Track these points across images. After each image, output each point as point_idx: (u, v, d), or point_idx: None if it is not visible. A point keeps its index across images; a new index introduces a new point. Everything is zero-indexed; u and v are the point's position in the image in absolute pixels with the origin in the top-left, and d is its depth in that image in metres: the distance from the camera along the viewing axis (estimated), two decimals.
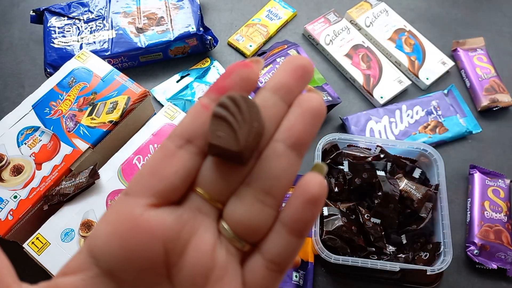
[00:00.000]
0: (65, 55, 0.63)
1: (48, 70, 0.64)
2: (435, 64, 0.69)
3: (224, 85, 0.18)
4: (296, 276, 0.52)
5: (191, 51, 0.68)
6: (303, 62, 0.18)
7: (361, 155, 0.56)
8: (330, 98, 0.62)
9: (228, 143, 0.16)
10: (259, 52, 0.70)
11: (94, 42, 0.64)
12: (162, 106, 0.64)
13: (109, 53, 0.63)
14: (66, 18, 0.66)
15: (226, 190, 0.17)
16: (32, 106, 0.53)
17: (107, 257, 0.16)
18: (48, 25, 0.66)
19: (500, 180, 0.60)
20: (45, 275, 0.47)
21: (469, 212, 0.59)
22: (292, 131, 0.17)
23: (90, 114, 0.53)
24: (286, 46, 0.69)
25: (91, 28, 0.65)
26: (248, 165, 0.17)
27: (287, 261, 0.17)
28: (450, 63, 0.69)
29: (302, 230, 0.17)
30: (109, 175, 0.50)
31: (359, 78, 0.67)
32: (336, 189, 0.55)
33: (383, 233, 0.53)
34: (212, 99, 0.18)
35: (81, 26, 0.66)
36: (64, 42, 0.64)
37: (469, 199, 0.60)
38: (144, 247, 0.16)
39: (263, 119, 0.17)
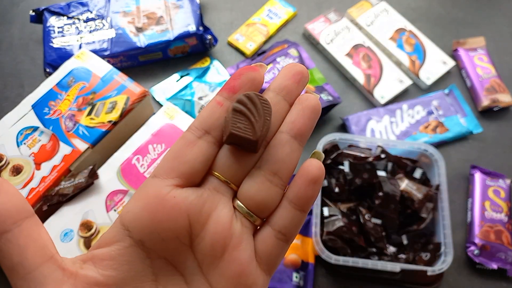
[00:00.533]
0: (65, 55, 0.63)
1: (48, 70, 0.63)
2: (436, 64, 0.69)
3: (235, 85, 0.21)
4: (296, 277, 0.52)
5: (190, 50, 0.68)
6: (301, 69, 0.22)
7: (362, 155, 0.56)
8: (330, 98, 0.62)
9: (247, 133, 0.19)
10: (259, 52, 0.70)
11: (94, 42, 0.64)
12: (162, 106, 0.64)
13: (108, 52, 0.63)
14: (65, 17, 0.66)
15: (239, 174, 0.20)
16: (31, 106, 0.53)
17: (139, 228, 0.18)
18: (48, 25, 0.65)
19: (500, 180, 0.60)
20: None
21: (469, 212, 0.59)
22: (294, 124, 0.21)
23: (89, 114, 0.53)
24: (286, 46, 0.68)
25: (90, 27, 0.65)
26: (258, 152, 0.21)
27: (292, 232, 0.20)
28: (451, 63, 0.69)
29: (305, 206, 0.20)
30: (108, 176, 0.50)
31: (360, 78, 0.67)
32: (336, 190, 0.54)
33: (383, 233, 0.52)
34: (225, 97, 0.21)
35: (81, 26, 0.65)
36: (64, 42, 0.64)
37: (470, 199, 0.60)
38: (171, 220, 0.19)
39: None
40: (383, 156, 0.56)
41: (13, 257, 0.16)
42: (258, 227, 0.21)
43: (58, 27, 0.65)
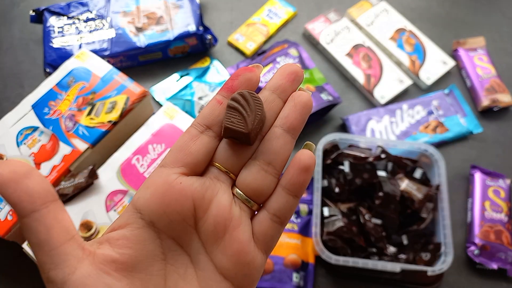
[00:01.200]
0: (65, 55, 0.63)
1: (48, 70, 0.63)
2: (436, 64, 0.69)
3: (233, 85, 0.23)
4: (296, 277, 0.52)
5: (190, 50, 0.68)
6: (295, 69, 0.24)
7: (362, 155, 0.56)
8: (330, 98, 0.62)
9: (239, 126, 0.22)
10: (259, 52, 0.70)
11: (94, 42, 0.64)
12: (162, 106, 0.64)
13: (108, 52, 0.63)
14: (65, 17, 0.66)
15: (237, 164, 0.23)
16: (31, 106, 0.53)
17: (150, 211, 0.20)
18: (48, 25, 0.65)
19: (500, 180, 0.60)
20: None
21: (469, 212, 0.59)
22: (287, 119, 0.23)
23: (89, 114, 0.53)
24: (286, 46, 0.68)
25: (90, 27, 0.65)
26: (254, 145, 0.23)
27: (286, 215, 0.22)
28: (451, 63, 0.69)
29: (297, 191, 0.22)
30: (108, 176, 0.50)
31: (360, 78, 0.67)
32: (336, 190, 0.54)
33: (383, 233, 0.52)
34: (224, 95, 0.23)
35: (81, 26, 0.65)
36: (64, 42, 0.64)
37: (470, 199, 0.60)
38: (178, 203, 0.21)
39: (265, 110, 0.23)
40: (383, 156, 0.56)
41: (40, 235, 0.18)
42: (255, 212, 0.23)
43: (58, 27, 0.65)
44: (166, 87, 0.66)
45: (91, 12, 0.66)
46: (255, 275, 0.22)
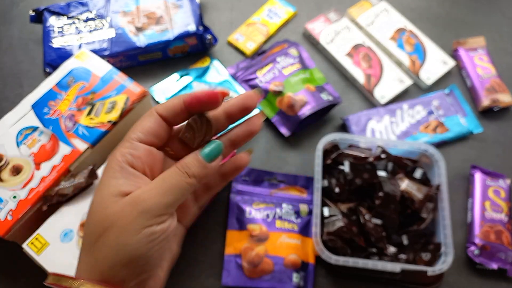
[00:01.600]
0: (64, 55, 0.63)
1: (47, 70, 0.63)
2: (436, 63, 0.69)
3: (195, 106, 0.34)
4: (296, 278, 0.52)
5: (190, 50, 0.68)
6: (250, 103, 0.35)
7: (362, 155, 0.56)
8: (330, 98, 0.62)
9: (190, 141, 0.34)
10: (259, 52, 0.70)
11: (94, 42, 0.64)
12: None
13: (108, 52, 0.63)
14: (65, 17, 0.66)
15: (184, 152, 0.34)
16: (31, 106, 0.53)
17: (145, 168, 0.34)
18: (47, 24, 0.65)
19: (500, 180, 0.60)
20: (44, 275, 0.47)
21: (470, 212, 0.59)
22: (236, 139, 0.36)
23: (89, 114, 0.53)
24: (286, 45, 0.68)
25: (90, 27, 0.65)
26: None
27: (233, 173, 0.40)
28: (451, 63, 0.69)
29: (229, 176, 0.40)
30: None
31: (360, 78, 0.67)
32: (336, 190, 0.54)
33: (383, 233, 0.52)
34: (187, 104, 0.34)
35: (80, 26, 0.65)
36: (64, 42, 0.64)
37: (470, 199, 0.60)
38: (159, 164, 0.36)
39: (214, 131, 0.35)
40: (383, 156, 0.56)
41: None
42: None
43: (58, 27, 0.65)
44: (166, 87, 0.66)
45: (91, 12, 0.66)
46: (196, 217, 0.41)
